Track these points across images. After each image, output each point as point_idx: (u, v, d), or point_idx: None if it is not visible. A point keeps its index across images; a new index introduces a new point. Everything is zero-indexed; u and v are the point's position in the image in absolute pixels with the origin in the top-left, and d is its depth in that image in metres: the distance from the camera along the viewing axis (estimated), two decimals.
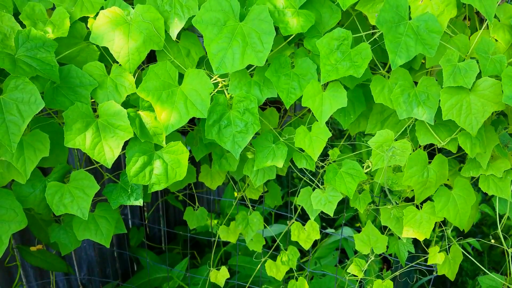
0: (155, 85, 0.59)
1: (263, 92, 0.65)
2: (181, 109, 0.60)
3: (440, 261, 0.78)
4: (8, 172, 0.61)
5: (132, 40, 0.61)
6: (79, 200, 0.64)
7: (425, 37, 0.56)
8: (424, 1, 0.57)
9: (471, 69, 0.57)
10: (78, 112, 0.58)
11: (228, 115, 0.64)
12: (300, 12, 0.60)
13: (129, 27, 0.61)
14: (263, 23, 0.57)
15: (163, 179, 0.65)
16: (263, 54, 0.57)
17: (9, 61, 0.55)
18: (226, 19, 0.58)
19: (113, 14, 0.61)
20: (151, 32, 0.62)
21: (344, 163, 0.75)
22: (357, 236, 0.83)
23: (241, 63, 0.58)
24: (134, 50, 0.62)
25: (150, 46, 0.63)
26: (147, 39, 0.62)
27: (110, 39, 0.61)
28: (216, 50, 0.58)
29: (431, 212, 0.73)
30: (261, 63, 0.57)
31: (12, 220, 0.59)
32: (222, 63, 0.58)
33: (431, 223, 0.73)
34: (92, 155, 0.59)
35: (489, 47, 0.59)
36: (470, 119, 0.59)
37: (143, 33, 0.61)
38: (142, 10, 0.61)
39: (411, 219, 0.73)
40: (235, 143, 0.64)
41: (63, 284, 1.37)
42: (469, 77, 0.57)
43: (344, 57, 0.58)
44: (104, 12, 0.61)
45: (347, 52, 0.59)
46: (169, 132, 0.59)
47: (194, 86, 0.61)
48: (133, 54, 0.62)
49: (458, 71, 0.57)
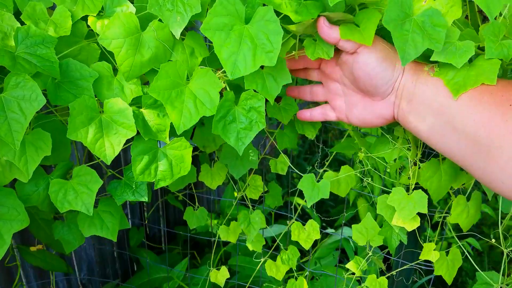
0: (165, 84, 0.59)
1: (277, 80, 0.65)
2: (191, 108, 0.60)
3: (434, 258, 0.78)
4: (10, 171, 0.61)
5: (139, 54, 0.61)
6: (83, 195, 0.64)
7: (431, 32, 0.56)
8: (427, 1, 0.57)
9: (468, 50, 0.57)
10: (84, 105, 0.58)
11: (233, 111, 0.64)
12: (307, 3, 0.60)
13: (139, 39, 0.61)
14: (270, 23, 0.58)
15: (168, 175, 0.66)
16: (274, 54, 0.58)
17: (8, 58, 0.55)
18: (233, 23, 0.58)
19: (127, 20, 0.60)
20: (159, 52, 0.62)
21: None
22: (355, 226, 0.83)
23: (254, 64, 0.58)
24: (138, 64, 0.62)
25: (154, 65, 0.63)
26: (153, 59, 0.62)
27: (118, 46, 0.60)
28: (227, 55, 0.58)
29: (419, 196, 0.72)
30: (273, 62, 0.58)
31: (14, 219, 0.59)
32: (236, 67, 0.58)
33: (414, 208, 0.72)
34: (93, 150, 0.59)
35: (500, 31, 0.57)
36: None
37: (151, 51, 0.61)
38: (158, 27, 0.61)
39: (396, 200, 0.73)
40: (239, 139, 0.64)
41: (63, 284, 1.37)
42: (463, 57, 0.57)
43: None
44: (119, 16, 0.60)
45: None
46: (181, 131, 0.59)
47: (202, 85, 0.61)
48: (136, 67, 0.62)
49: (453, 48, 0.57)
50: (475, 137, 0.54)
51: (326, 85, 0.72)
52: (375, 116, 0.65)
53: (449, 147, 0.58)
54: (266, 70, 0.66)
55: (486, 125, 0.53)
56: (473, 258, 1.71)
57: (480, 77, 0.56)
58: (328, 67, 0.69)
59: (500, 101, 0.53)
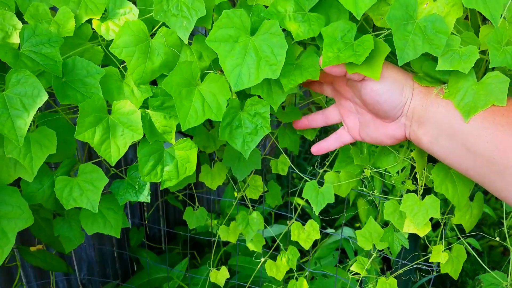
0: (178, 81, 0.60)
1: (283, 88, 0.65)
2: (198, 109, 0.60)
3: (444, 260, 0.78)
4: (14, 170, 0.61)
5: (150, 61, 0.62)
6: (89, 193, 0.64)
7: (432, 37, 0.56)
8: (429, 3, 0.57)
9: (472, 54, 0.56)
10: (94, 105, 0.58)
11: (239, 117, 0.65)
12: (310, 16, 0.61)
13: (149, 47, 0.62)
14: (275, 36, 0.58)
15: (174, 175, 0.67)
16: (277, 67, 0.58)
17: (12, 55, 0.55)
18: (238, 35, 0.59)
19: (137, 28, 0.61)
20: (169, 58, 0.63)
21: None
22: (359, 232, 0.82)
23: (257, 77, 0.58)
24: (149, 71, 0.62)
25: (164, 71, 0.63)
26: (163, 64, 0.63)
27: (130, 55, 0.61)
28: (231, 66, 0.58)
29: (431, 201, 0.71)
30: (276, 75, 0.58)
31: (18, 218, 0.59)
32: (239, 79, 0.58)
33: (427, 214, 0.71)
34: (99, 150, 0.59)
35: (502, 38, 0.57)
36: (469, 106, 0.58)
37: (161, 57, 0.62)
38: (167, 33, 0.62)
39: (409, 206, 0.72)
40: (245, 144, 0.65)
41: (63, 284, 1.37)
42: (468, 62, 0.56)
43: (346, 47, 0.59)
44: (129, 24, 0.60)
45: (350, 43, 0.59)
46: (185, 128, 0.60)
47: (212, 89, 0.62)
48: (147, 74, 0.62)
49: (457, 56, 0.57)
50: (489, 158, 0.53)
51: (339, 102, 0.71)
52: (387, 137, 0.65)
53: (465, 166, 0.58)
54: None
55: (500, 146, 0.52)
56: (473, 258, 1.71)
57: (490, 97, 0.55)
58: (340, 86, 0.69)
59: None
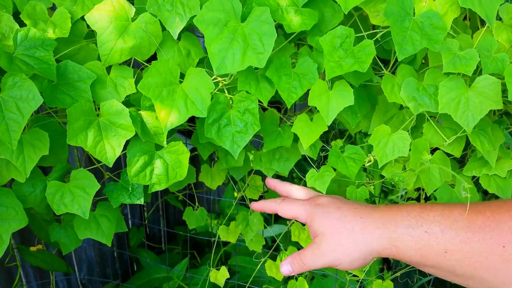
0: (157, 82, 0.59)
1: (271, 83, 0.64)
2: (181, 108, 0.59)
3: None
4: (7, 171, 0.60)
5: (122, 40, 0.60)
6: (80, 199, 0.63)
7: (430, 33, 0.57)
8: (428, 2, 0.57)
9: (472, 58, 0.57)
10: (81, 110, 0.57)
11: (228, 115, 0.63)
12: (303, 10, 0.60)
13: (127, 27, 0.61)
14: (265, 24, 0.57)
15: (163, 179, 0.65)
16: (264, 56, 0.57)
17: (6, 58, 0.54)
18: (227, 20, 0.57)
19: (119, 6, 0.60)
20: (144, 44, 0.61)
21: (347, 148, 0.75)
22: None
23: (241, 64, 0.57)
24: (118, 49, 0.61)
25: (135, 55, 0.62)
26: (136, 48, 0.61)
27: (103, 28, 0.60)
28: (217, 50, 0.57)
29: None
30: (262, 64, 0.57)
31: (12, 219, 0.59)
32: (223, 63, 0.57)
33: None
34: (94, 153, 0.59)
35: (491, 45, 0.58)
36: (467, 116, 0.59)
37: (136, 40, 0.61)
38: (149, 20, 0.61)
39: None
40: (234, 143, 0.63)
41: (63, 284, 1.37)
42: (469, 66, 0.57)
43: (347, 55, 0.58)
44: (112, 1, 0.60)
45: (350, 50, 0.59)
46: (167, 129, 0.59)
47: (195, 84, 0.60)
48: (116, 52, 0.61)
49: (458, 59, 0.58)
50: (480, 279, 0.53)
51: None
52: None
53: (457, 281, 0.57)
54: (260, 71, 0.66)
55: (489, 269, 0.52)
56: None
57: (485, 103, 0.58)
58: None
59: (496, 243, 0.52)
